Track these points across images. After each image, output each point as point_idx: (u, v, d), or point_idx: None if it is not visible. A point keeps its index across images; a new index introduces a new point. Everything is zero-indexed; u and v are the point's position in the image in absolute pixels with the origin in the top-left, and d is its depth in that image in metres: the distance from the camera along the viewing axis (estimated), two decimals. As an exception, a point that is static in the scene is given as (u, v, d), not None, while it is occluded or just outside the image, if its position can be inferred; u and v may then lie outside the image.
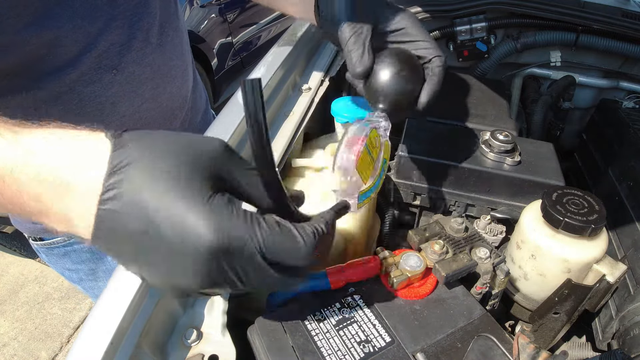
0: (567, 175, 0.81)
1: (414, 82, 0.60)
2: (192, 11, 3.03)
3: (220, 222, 0.32)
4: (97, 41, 0.65)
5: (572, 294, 0.62)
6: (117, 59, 0.69)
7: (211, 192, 0.34)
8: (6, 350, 2.10)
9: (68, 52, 0.63)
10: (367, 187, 0.53)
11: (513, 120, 0.97)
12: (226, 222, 0.33)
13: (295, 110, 0.84)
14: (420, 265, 0.56)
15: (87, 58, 0.65)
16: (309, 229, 0.36)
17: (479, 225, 0.78)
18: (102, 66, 0.67)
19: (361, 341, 0.50)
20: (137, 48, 0.71)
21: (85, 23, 0.63)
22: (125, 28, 0.68)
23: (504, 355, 0.48)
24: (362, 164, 0.51)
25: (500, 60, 1.31)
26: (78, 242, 0.86)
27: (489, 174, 0.77)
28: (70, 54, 0.63)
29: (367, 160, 0.52)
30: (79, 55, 0.64)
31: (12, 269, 2.50)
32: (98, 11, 0.64)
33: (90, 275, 0.93)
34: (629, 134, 0.90)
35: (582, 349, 0.71)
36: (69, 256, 0.88)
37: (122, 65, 0.70)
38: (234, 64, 3.45)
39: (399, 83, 0.59)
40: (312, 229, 0.37)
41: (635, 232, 0.73)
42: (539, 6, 1.21)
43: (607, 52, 1.23)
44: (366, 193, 0.53)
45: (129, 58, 0.70)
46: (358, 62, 0.58)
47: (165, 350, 0.51)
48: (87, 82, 0.66)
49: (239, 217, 0.33)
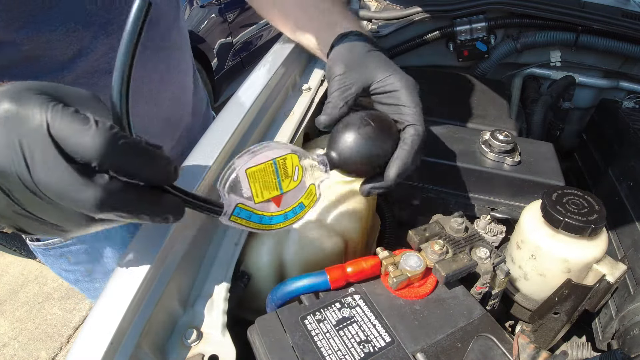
0: (567, 175, 0.81)
1: (376, 147, 0.55)
2: (192, 11, 3.03)
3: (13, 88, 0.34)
4: (93, 45, 0.65)
5: (572, 294, 0.62)
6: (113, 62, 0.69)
7: None
8: (6, 350, 2.10)
9: (62, 54, 0.63)
10: (257, 210, 0.48)
11: (513, 120, 0.97)
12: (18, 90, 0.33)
13: (295, 110, 0.84)
14: (420, 265, 0.56)
15: (82, 62, 0.65)
16: (109, 123, 0.34)
17: (479, 225, 0.78)
18: (98, 70, 0.67)
19: (361, 341, 0.50)
20: None
21: (79, 26, 0.63)
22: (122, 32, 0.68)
23: (504, 355, 0.48)
24: (258, 175, 0.47)
25: (500, 60, 1.31)
26: (74, 243, 0.86)
27: (489, 174, 0.77)
28: (64, 57, 0.63)
29: (269, 179, 0.48)
30: (73, 59, 0.64)
31: (12, 269, 2.51)
32: (93, 15, 0.64)
33: (86, 277, 0.93)
34: (629, 134, 0.90)
35: (582, 349, 0.71)
36: (66, 257, 0.88)
37: None
38: (234, 64, 3.46)
39: (358, 142, 0.54)
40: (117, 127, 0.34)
41: (635, 232, 0.73)
42: (539, 6, 1.21)
43: (607, 52, 1.23)
44: (250, 214, 0.48)
45: None
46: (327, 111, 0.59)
47: (165, 350, 0.51)
48: (83, 85, 0.66)
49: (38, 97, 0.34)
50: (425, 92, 0.62)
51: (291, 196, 0.52)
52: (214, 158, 0.62)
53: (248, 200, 0.48)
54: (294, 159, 0.50)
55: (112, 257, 0.90)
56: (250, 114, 0.73)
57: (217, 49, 3.22)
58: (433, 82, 1.11)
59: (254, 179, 0.47)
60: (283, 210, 0.52)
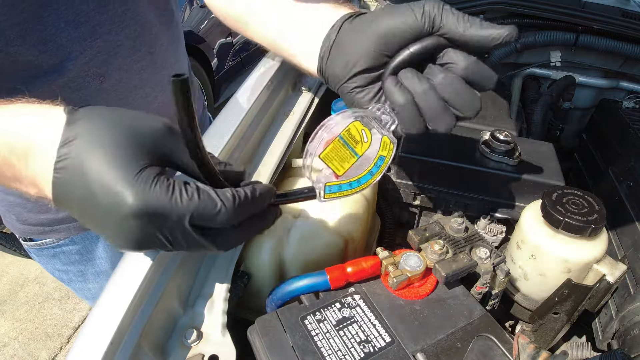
0: (567, 175, 0.82)
1: None
2: (192, 11, 3.02)
3: (143, 192, 0.37)
4: (83, 47, 0.65)
5: (572, 294, 0.62)
6: (104, 67, 0.68)
7: (144, 165, 0.38)
8: (6, 350, 2.10)
9: (53, 56, 0.62)
10: (343, 180, 0.52)
11: (513, 120, 0.97)
12: (148, 191, 0.37)
13: (295, 110, 0.84)
14: (420, 265, 0.56)
15: (72, 65, 0.64)
16: (228, 193, 0.41)
17: (479, 225, 0.78)
18: (89, 73, 0.67)
19: (361, 341, 0.50)
20: (125, 55, 0.70)
21: (69, 27, 0.62)
22: (113, 34, 0.68)
23: (504, 355, 0.48)
24: (332, 154, 0.50)
25: (500, 60, 1.31)
26: (67, 244, 0.86)
27: (489, 174, 0.77)
28: (55, 59, 0.62)
29: (342, 152, 0.52)
30: (64, 61, 0.63)
31: (12, 269, 2.50)
32: (84, 16, 0.63)
33: (79, 277, 0.93)
34: (629, 134, 0.90)
35: (582, 349, 0.71)
36: (58, 257, 0.88)
37: (109, 73, 0.69)
38: (234, 64, 3.45)
39: None
40: (232, 192, 0.41)
41: (635, 232, 0.73)
42: (539, 6, 1.21)
43: (607, 52, 1.23)
44: (340, 186, 0.52)
45: (116, 65, 0.69)
46: None
47: (165, 350, 0.51)
48: (74, 88, 0.66)
49: (161, 187, 0.38)
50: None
51: (369, 155, 0.54)
52: (214, 158, 0.62)
53: (332, 176, 0.51)
54: (357, 125, 0.52)
55: (104, 257, 0.90)
56: (250, 114, 0.73)
57: (217, 49, 3.21)
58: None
59: (329, 159, 0.50)
60: (367, 169, 0.54)
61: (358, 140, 0.53)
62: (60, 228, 0.83)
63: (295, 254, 0.64)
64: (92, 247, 0.88)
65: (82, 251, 0.88)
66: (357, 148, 0.53)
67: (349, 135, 0.52)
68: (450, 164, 0.78)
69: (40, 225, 0.82)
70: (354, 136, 0.52)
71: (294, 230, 0.66)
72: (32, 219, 0.81)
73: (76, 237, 0.85)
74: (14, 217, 0.83)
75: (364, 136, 0.53)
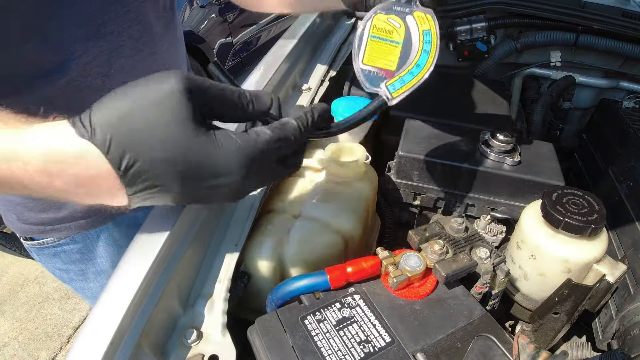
0: (567, 175, 0.82)
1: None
2: (192, 11, 3.02)
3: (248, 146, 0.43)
4: (86, 47, 0.65)
5: (572, 294, 0.62)
6: (106, 66, 0.68)
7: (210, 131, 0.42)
8: (6, 350, 2.10)
9: (56, 55, 0.62)
10: (401, 73, 0.51)
11: (513, 120, 0.97)
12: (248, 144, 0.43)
13: (295, 110, 0.84)
14: (420, 265, 0.56)
15: (75, 64, 0.64)
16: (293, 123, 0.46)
17: (479, 225, 0.78)
18: (91, 73, 0.67)
19: (361, 341, 0.50)
20: (127, 55, 0.70)
21: (73, 27, 0.62)
22: (115, 35, 0.68)
23: (504, 355, 0.48)
24: (373, 55, 0.50)
25: (500, 60, 1.31)
26: (68, 243, 0.86)
27: (489, 174, 0.77)
28: (58, 58, 0.62)
29: (382, 48, 0.51)
30: (67, 60, 0.63)
31: (12, 269, 2.50)
32: (86, 16, 0.64)
33: (80, 276, 0.93)
34: (629, 134, 0.90)
35: (582, 349, 0.71)
36: (59, 256, 0.88)
37: (112, 73, 0.69)
38: (234, 64, 3.45)
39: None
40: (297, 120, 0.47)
41: (635, 232, 0.73)
42: (539, 6, 1.21)
43: (607, 52, 1.23)
44: (402, 79, 0.51)
45: (119, 65, 0.69)
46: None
47: (165, 351, 0.51)
48: (76, 88, 0.66)
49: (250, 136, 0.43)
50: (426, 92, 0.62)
51: (410, 37, 0.53)
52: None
53: (389, 74, 0.51)
54: (380, 17, 0.52)
55: (105, 256, 0.90)
56: (250, 114, 0.73)
57: (217, 49, 3.21)
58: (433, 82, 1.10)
59: (373, 60, 0.51)
60: (418, 51, 0.53)
61: (390, 29, 0.52)
62: (61, 227, 0.83)
63: (295, 254, 0.64)
64: (92, 247, 0.88)
65: (82, 250, 0.88)
66: (394, 37, 0.52)
67: (378, 30, 0.51)
68: (450, 164, 0.78)
69: (41, 224, 0.82)
70: (384, 28, 0.52)
71: (294, 230, 0.66)
72: (33, 218, 0.81)
73: (77, 236, 0.85)
74: (14, 217, 0.83)
75: (395, 23, 0.52)
